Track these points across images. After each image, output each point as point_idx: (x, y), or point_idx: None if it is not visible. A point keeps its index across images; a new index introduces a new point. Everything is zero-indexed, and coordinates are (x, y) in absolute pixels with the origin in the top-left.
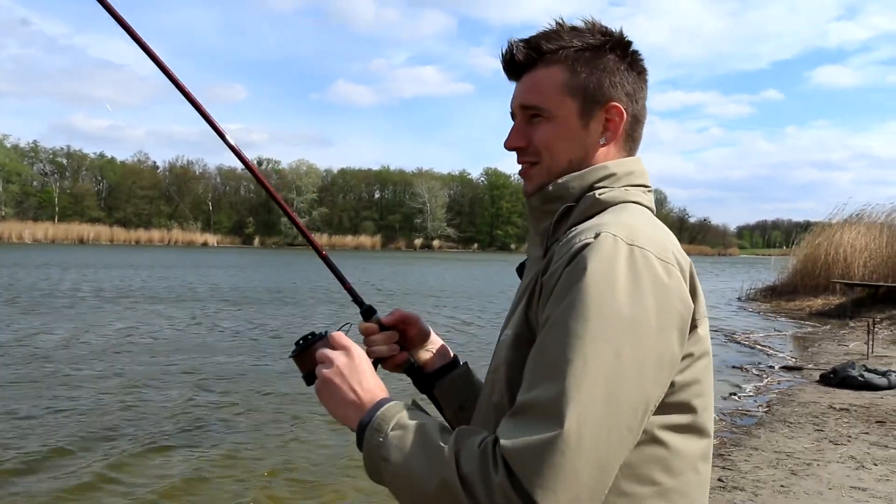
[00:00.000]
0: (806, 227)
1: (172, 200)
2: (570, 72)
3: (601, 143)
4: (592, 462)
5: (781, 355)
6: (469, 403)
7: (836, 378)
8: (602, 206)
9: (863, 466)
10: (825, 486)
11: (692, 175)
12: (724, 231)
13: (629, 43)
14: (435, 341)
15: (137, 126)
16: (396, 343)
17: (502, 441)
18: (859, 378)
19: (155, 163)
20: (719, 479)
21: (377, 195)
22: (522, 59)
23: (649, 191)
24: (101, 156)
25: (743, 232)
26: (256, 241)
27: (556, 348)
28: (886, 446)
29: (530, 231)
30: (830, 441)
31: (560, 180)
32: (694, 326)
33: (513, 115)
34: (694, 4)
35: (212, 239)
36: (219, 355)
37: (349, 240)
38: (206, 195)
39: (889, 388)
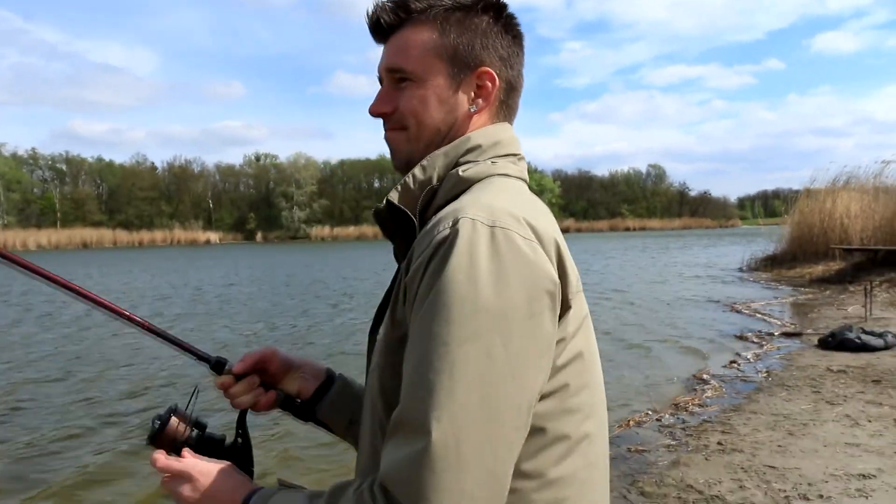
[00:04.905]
0: (807, 195)
1: (173, 200)
2: (440, 32)
3: (472, 110)
4: (480, 473)
5: (781, 322)
6: (357, 415)
7: (835, 341)
8: (466, 184)
9: (857, 424)
10: (821, 443)
11: (693, 148)
12: (724, 203)
13: (504, 5)
14: (304, 365)
15: (137, 128)
16: (261, 385)
17: (381, 467)
18: (856, 340)
19: (153, 164)
20: (718, 443)
21: (377, 184)
22: (389, 20)
23: (520, 159)
24: (100, 159)
25: (745, 203)
26: (258, 236)
27: (422, 357)
28: (881, 404)
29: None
30: (827, 402)
31: (424, 161)
32: (567, 307)
33: (381, 80)
34: None
35: (214, 236)
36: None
37: (352, 230)
38: (206, 193)
39: (885, 348)
